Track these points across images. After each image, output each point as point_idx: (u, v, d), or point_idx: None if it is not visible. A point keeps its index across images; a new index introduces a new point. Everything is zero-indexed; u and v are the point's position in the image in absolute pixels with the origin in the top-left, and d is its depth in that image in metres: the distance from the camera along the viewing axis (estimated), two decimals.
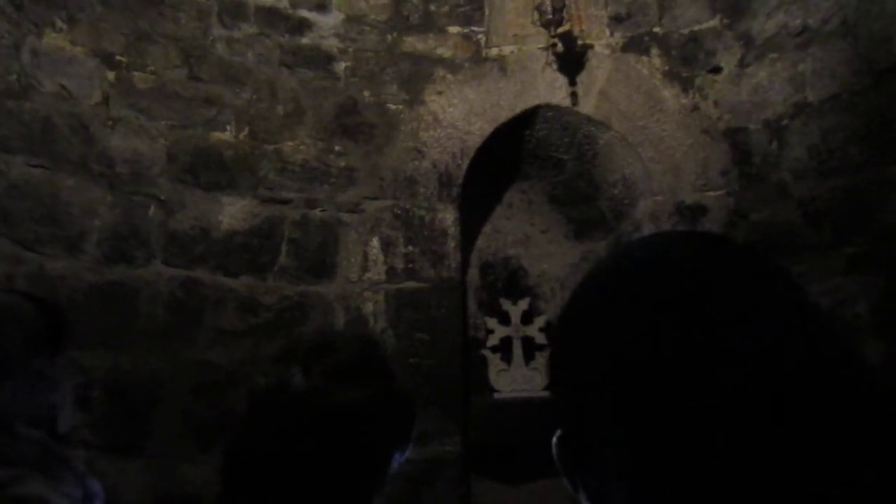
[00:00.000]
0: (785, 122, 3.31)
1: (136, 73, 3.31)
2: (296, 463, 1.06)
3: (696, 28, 3.65)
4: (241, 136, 3.50)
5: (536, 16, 3.68)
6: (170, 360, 3.12)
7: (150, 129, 3.29)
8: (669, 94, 3.69)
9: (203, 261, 3.31)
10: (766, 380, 0.54)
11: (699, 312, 0.58)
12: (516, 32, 3.87)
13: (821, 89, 3.22)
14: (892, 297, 2.89)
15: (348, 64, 3.76)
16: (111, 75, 3.26)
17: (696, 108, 3.63)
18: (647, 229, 3.69)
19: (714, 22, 3.60)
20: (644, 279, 0.63)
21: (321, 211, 3.60)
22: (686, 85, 3.66)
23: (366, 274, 3.61)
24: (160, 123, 3.32)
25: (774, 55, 3.40)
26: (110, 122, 3.21)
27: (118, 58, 3.28)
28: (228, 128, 3.48)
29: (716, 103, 3.57)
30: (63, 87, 3.12)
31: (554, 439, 1.86)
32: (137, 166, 3.23)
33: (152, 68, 3.36)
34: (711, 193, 3.53)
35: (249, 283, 3.39)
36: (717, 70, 3.58)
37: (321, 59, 3.72)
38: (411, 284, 3.63)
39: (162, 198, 3.26)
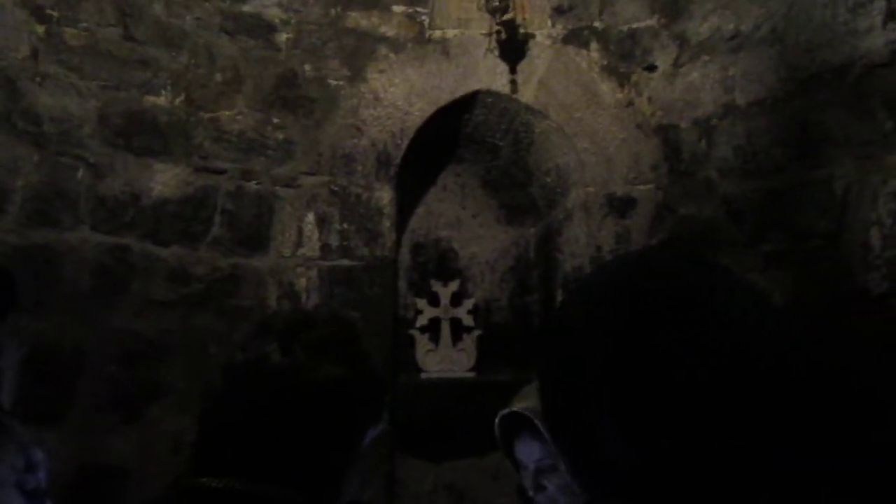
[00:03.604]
0: (714, 122, 3.46)
1: (67, 29, 3.16)
2: (272, 437, 1.07)
3: (635, 26, 3.76)
4: (177, 101, 3.39)
5: (482, 1, 3.71)
6: (95, 328, 3.02)
7: (81, 88, 3.15)
8: (606, 88, 3.79)
9: (132, 228, 3.22)
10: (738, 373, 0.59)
11: (684, 319, 0.63)
12: (460, 16, 3.88)
13: (749, 93, 3.37)
14: (804, 294, 3.08)
15: (290, 35, 3.70)
16: (41, 29, 3.10)
17: (630, 103, 3.74)
18: (578, 218, 3.80)
19: (652, 21, 3.72)
20: (634, 289, 0.67)
21: (257, 183, 3.54)
22: (622, 80, 3.77)
23: (300, 249, 3.58)
24: (92, 83, 3.19)
25: (707, 57, 3.54)
26: (38, 79, 3.06)
27: (49, 11, 3.13)
28: (164, 92, 3.37)
29: (650, 100, 3.70)
30: None
31: (497, 419, 1.90)
32: (66, 126, 3.10)
33: (85, 24, 3.21)
34: (641, 187, 3.66)
35: (180, 253, 3.32)
36: (652, 68, 3.70)
37: (263, 28, 3.65)
38: (345, 262, 3.63)
39: (91, 160, 3.14)
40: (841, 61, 3.07)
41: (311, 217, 3.61)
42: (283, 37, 3.68)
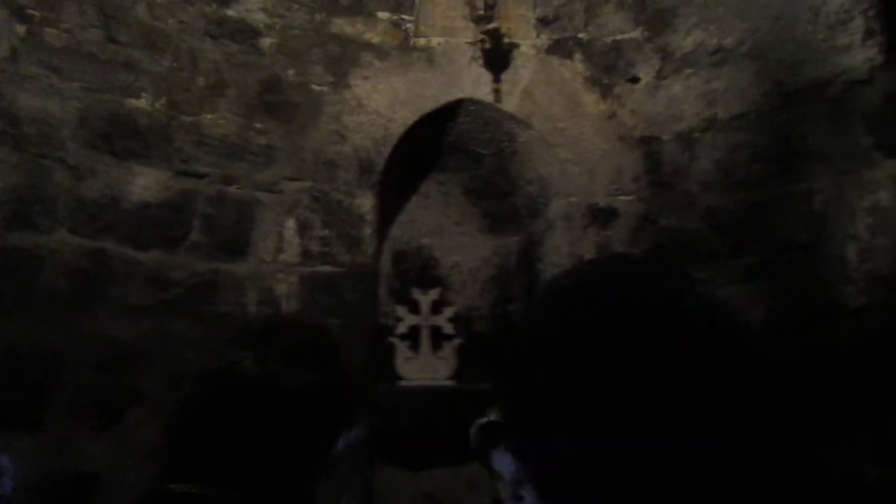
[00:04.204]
0: (696, 135, 3.49)
1: (48, 30, 3.13)
2: (245, 444, 1.06)
3: (619, 38, 3.78)
4: (159, 104, 3.37)
5: (467, 10, 3.73)
6: (71, 332, 2.98)
7: (61, 89, 3.12)
8: (590, 100, 3.81)
9: (111, 231, 3.18)
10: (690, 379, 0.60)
11: (636, 324, 0.63)
12: (445, 24, 3.89)
13: (731, 107, 3.40)
14: (782, 306, 3.10)
15: (274, 40, 3.68)
16: (21, 29, 3.07)
17: (613, 114, 3.76)
18: (560, 228, 3.81)
19: (636, 34, 3.74)
20: (591, 297, 0.68)
21: (238, 188, 3.52)
22: (606, 92, 3.79)
23: (280, 255, 3.56)
24: (73, 85, 3.15)
25: (690, 70, 3.57)
26: (18, 79, 3.03)
27: (30, 11, 3.09)
28: (145, 95, 3.34)
29: (632, 112, 3.72)
30: None
31: (473, 428, 1.90)
32: (46, 127, 3.06)
33: (66, 26, 3.18)
34: (623, 198, 3.67)
35: (159, 258, 3.29)
36: (635, 80, 3.72)
37: (247, 33, 3.63)
38: (326, 268, 3.61)
39: (71, 163, 3.11)
40: (821, 77, 3.11)
41: (292, 223, 3.59)
42: (267, 42, 3.66)
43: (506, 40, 3.81)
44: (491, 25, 3.74)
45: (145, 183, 3.29)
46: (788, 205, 3.12)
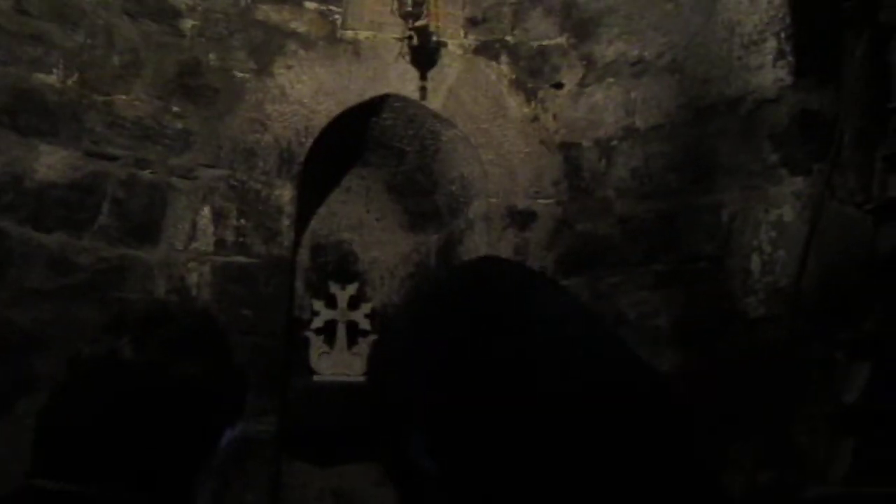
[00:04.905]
0: (614, 143, 3.56)
1: None
2: (121, 436, 1.02)
3: (545, 43, 3.83)
4: (70, 81, 3.24)
5: (396, 5, 3.70)
6: None
7: None
8: (514, 102, 3.84)
9: (11, 211, 3.05)
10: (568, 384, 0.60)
11: (513, 327, 0.63)
12: (373, 18, 3.86)
13: (648, 117, 3.48)
14: (689, 314, 3.20)
15: (196, 23, 3.58)
16: None
17: (536, 118, 3.81)
18: (479, 228, 3.83)
19: (561, 40, 3.80)
20: (469, 296, 0.68)
21: (151, 172, 3.41)
22: (530, 96, 3.83)
23: (193, 243, 3.47)
24: None
25: (611, 79, 3.64)
26: None
27: None
28: (56, 71, 3.20)
29: (555, 117, 3.77)
30: None
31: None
32: None
33: None
34: (542, 201, 3.72)
35: (63, 241, 3.16)
36: (559, 86, 3.78)
37: (167, 13, 3.52)
38: (241, 259, 3.54)
39: None
40: (734, 94, 3.22)
41: (206, 211, 3.50)
42: (188, 23, 3.56)
43: (434, 38, 3.81)
44: (420, 22, 3.73)
45: (51, 162, 3.16)
46: (698, 216, 3.22)
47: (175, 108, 3.49)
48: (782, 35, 3.14)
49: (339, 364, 3.95)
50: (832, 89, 2.89)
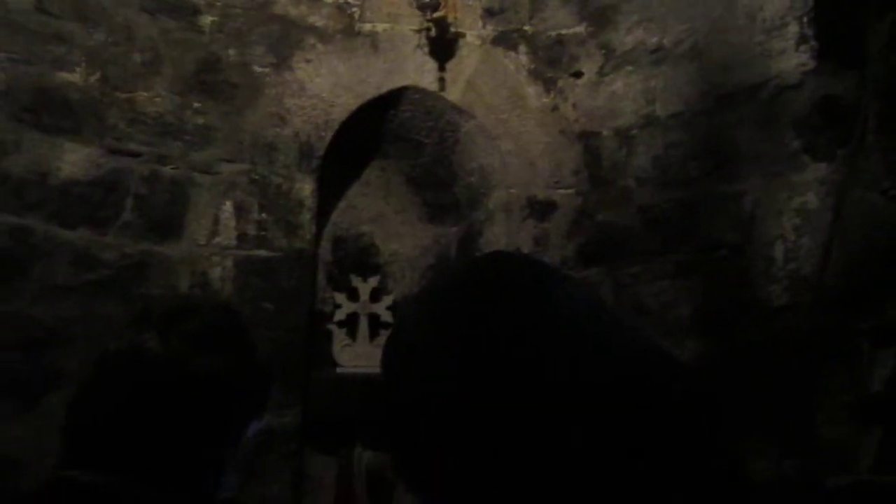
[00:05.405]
0: (634, 131, 3.53)
1: None
2: (146, 429, 1.04)
3: (563, 32, 3.80)
4: (92, 79, 3.27)
5: None
6: None
7: None
8: (532, 92, 3.83)
9: (37, 208, 3.09)
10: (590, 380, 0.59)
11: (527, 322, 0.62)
12: (391, 11, 3.86)
13: (668, 105, 3.45)
14: (710, 303, 3.17)
15: (214, 18, 3.60)
16: None
17: (555, 108, 3.79)
18: (499, 220, 3.83)
19: (580, 28, 3.77)
20: (482, 290, 0.67)
21: (173, 168, 3.44)
22: (549, 85, 3.82)
23: (215, 238, 3.50)
24: None
25: (631, 68, 3.61)
26: None
27: None
28: (78, 69, 3.24)
29: (574, 106, 3.75)
30: None
31: None
32: None
33: None
34: (562, 191, 3.71)
35: (87, 237, 3.20)
36: (578, 75, 3.75)
37: (186, 10, 3.54)
38: (262, 253, 3.57)
39: None
40: (755, 81, 3.18)
41: (228, 205, 3.53)
42: (207, 20, 3.58)
43: (451, 29, 3.80)
44: (437, 14, 3.72)
45: (74, 160, 3.20)
46: (719, 204, 3.19)
47: (195, 104, 3.51)
48: (804, 19, 3.09)
49: (361, 356, 3.96)
50: (855, 74, 2.83)
